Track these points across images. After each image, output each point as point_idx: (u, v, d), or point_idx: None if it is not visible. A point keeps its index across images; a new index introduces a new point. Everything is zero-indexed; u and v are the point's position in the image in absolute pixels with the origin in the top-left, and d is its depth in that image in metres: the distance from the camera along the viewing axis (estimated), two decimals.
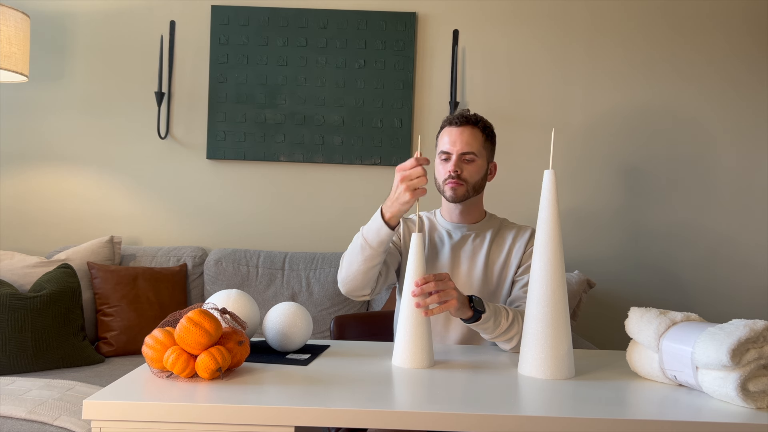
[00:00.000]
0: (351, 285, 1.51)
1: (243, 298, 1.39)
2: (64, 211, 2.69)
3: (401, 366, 1.30)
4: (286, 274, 2.50)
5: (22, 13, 2.31)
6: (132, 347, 2.27)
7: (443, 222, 1.65)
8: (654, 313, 1.26)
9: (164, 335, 1.18)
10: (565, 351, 1.24)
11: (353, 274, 1.49)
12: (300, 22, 2.66)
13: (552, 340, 1.23)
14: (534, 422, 1.02)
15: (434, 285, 1.31)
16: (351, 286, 1.51)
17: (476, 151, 1.55)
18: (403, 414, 1.03)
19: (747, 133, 2.68)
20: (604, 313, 2.65)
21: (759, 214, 2.69)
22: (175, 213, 2.71)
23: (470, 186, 1.56)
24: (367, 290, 1.52)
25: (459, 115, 1.57)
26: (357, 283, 1.50)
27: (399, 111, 2.65)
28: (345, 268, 1.51)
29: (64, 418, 1.61)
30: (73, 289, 2.20)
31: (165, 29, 2.67)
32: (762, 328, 1.09)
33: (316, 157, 2.66)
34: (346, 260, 1.51)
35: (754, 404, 1.08)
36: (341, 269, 1.53)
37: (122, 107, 2.69)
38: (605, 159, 2.69)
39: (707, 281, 2.69)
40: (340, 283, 1.54)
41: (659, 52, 2.68)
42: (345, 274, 1.52)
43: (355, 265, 1.48)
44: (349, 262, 1.49)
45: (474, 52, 2.68)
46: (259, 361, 1.31)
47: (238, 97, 2.66)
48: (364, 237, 1.45)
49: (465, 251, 1.61)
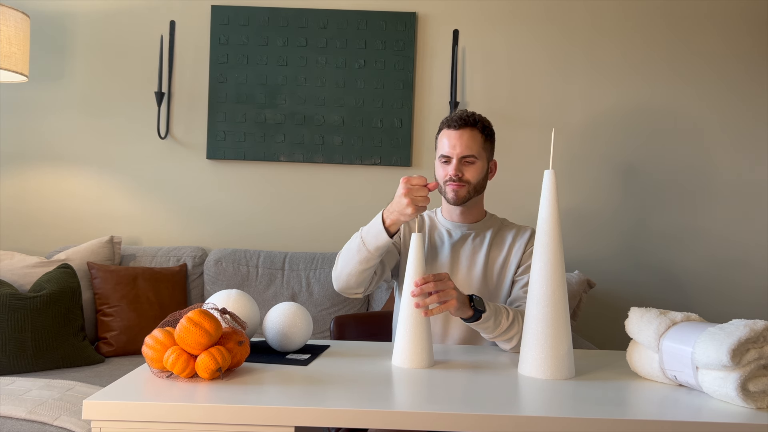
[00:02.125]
0: (344, 283, 1.52)
1: (243, 298, 1.39)
2: (64, 211, 2.69)
3: (401, 366, 1.30)
4: (286, 274, 2.50)
5: (22, 13, 2.31)
6: (132, 347, 2.26)
7: (443, 221, 1.66)
8: (654, 313, 1.26)
9: (164, 335, 1.18)
10: (565, 351, 1.24)
11: (347, 274, 1.49)
12: (300, 22, 2.66)
13: (552, 340, 1.23)
14: (534, 422, 1.02)
15: (433, 285, 1.31)
16: (344, 284, 1.52)
17: (476, 153, 1.55)
18: (403, 414, 1.03)
19: (746, 132, 2.68)
20: (604, 313, 2.65)
21: (759, 213, 2.69)
22: (175, 213, 2.71)
23: (471, 187, 1.56)
24: (360, 289, 1.52)
25: (457, 118, 1.56)
26: (351, 282, 1.50)
27: (399, 111, 2.65)
28: (340, 266, 1.52)
29: (64, 418, 1.61)
30: (73, 289, 2.20)
31: (165, 29, 2.67)
32: (762, 328, 1.09)
33: (316, 157, 2.66)
34: (342, 259, 1.51)
35: (754, 404, 1.08)
36: (336, 266, 1.53)
37: (122, 107, 2.69)
38: (605, 159, 2.69)
39: (707, 281, 2.69)
40: (333, 280, 1.55)
41: (659, 53, 2.68)
42: (339, 272, 1.52)
43: (350, 266, 1.48)
44: (345, 262, 1.50)
45: (474, 52, 2.68)
46: (259, 361, 1.30)
47: (238, 97, 2.66)
48: (363, 239, 1.45)
49: (465, 250, 1.61)
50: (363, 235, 1.46)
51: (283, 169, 2.70)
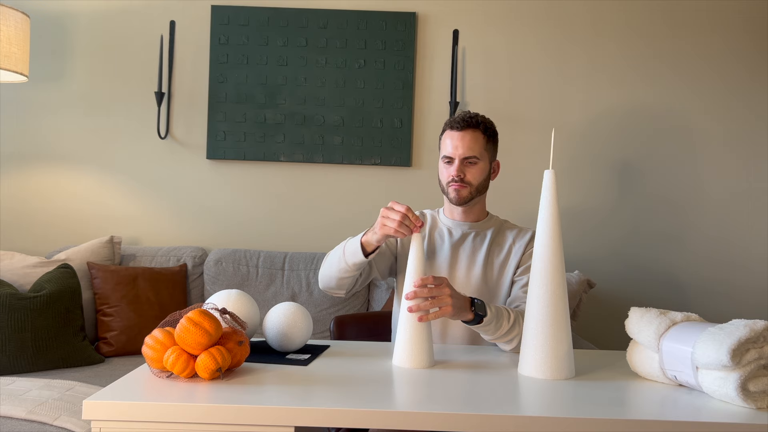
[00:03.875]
0: (326, 285, 1.59)
1: (243, 298, 1.39)
2: (64, 211, 2.69)
3: (401, 366, 1.30)
4: (286, 274, 2.50)
5: (22, 13, 2.31)
6: (132, 347, 2.26)
7: (445, 220, 1.67)
8: (654, 313, 1.26)
9: (164, 335, 1.18)
10: (565, 351, 1.24)
11: (329, 277, 1.57)
12: (300, 22, 2.66)
13: (552, 340, 1.23)
14: (534, 422, 1.02)
15: (428, 291, 1.31)
16: (326, 285, 1.60)
17: (478, 154, 1.57)
18: (402, 414, 1.03)
19: (747, 133, 2.68)
20: (604, 313, 2.65)
21: (759, 213, 2.68)
22: (175, 213, 2.71)
23: (474, 188, 1.58)
24: (341, 291, 1.59)
25: (460, 119, 1.58)
26: (332, 284, 1.57)
27: (399, 111, 2.65)
28: (324, 267, 1.58)
29: (64, 418, 1.61)
30: (73, 289, 2.20)
31: (165, 29, 2.67)
32: (762, 328, 1.09)
33: (316, 157, 2.66)
34: (327, 261, 1.58)
35: (754, 404, 1.08)
36: (322, 266, 1.60)
37: (122, 107, 2.69)
38: (606, 159, 2.69)
39: (707, 281, 2.69)
40: (319, 279, 1.62)
41: (659, 53, 2.68)
42: (322, 273, 1.59)
43: (331, 271, 1.55)
44: (328, 265, 1.56)
45: (474, 52, 2.68)
46: (259, 361, 1.30)
47: (238, 97, 2.66)
48: (344, 251, 1.50)
49: (465, 249, 1.62)
50: (345, 248, 1.51)
51: (283, 169, 2.70)
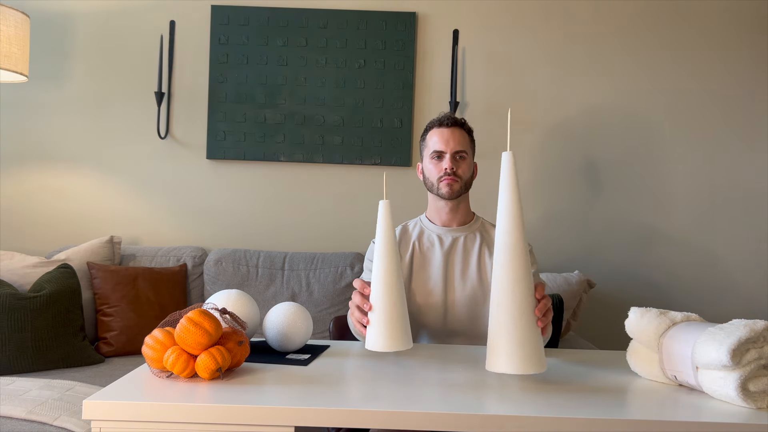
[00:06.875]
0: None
1: (243, 298, 1.39)
2: (64, 211, 2.68)
3: (377, 350, 1.26)
4: (286, 274, 2.50)
5: (22, 13, 2.31)
6: (132, 347, 2.26)
7: (432, 226, 1.67)
8: (654, 313, 1.26)
9: (164, 335, 1.18)
10: (535, 343, 1.15)
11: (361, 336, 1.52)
12: (300, 22, 2.66)
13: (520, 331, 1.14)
14: (534, 422, 1.02)
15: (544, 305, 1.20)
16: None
17: (467, 150, 1.63)
18: (402, 414, 1.03)
19: (747, 133, 2.68)
20: (604, 313, 2.65)
21: (759, 213, 2.68)
22: (175, 213, 2.71)
23: (463, 182, 1.62)
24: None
25: (447, 117, 1.64)
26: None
27: (399, 111, 2.65)
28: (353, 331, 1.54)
29: (64, 418, 1.61)
30: (73, 289, 2.20)
31: (165, 29, 2.67)
32: (762, 328, 1.08)
33: (316, 157, 2.66)
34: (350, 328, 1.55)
35: (754, 404, 1.08)
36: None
37: (122, 107, 2.69)
38: (606, 158, 2.69)
39: (707, 281, 2.69)
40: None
41: (659, 53, 2.68)
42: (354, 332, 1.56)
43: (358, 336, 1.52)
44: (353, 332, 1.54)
45: (474, 52, 2.68)
46: (259, 361, 1.30)
47: (238, 97, 2.66)
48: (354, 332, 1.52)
49: (457, 253, 1.62)
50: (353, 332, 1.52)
51: (283, 169, 2.70)
